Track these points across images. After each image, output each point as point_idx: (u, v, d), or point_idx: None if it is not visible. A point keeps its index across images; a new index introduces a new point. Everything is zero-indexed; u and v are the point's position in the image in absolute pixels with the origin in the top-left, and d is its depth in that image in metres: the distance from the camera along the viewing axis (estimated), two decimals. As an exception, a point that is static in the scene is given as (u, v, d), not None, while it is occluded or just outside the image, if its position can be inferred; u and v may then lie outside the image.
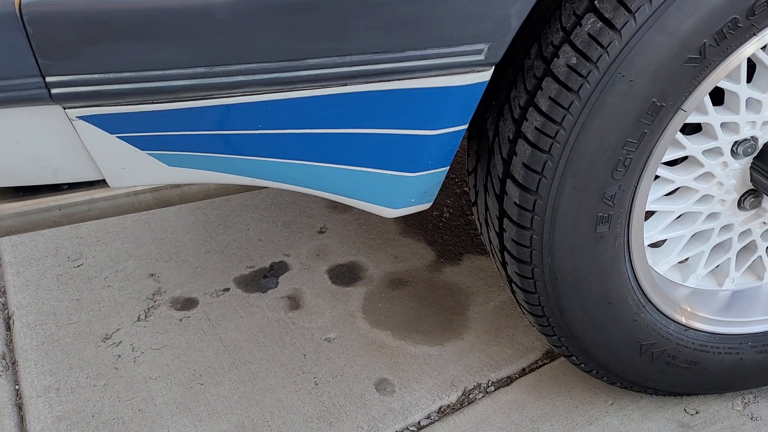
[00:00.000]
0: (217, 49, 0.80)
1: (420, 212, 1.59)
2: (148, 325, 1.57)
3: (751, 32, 0.90)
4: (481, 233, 1.21)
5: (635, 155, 0.96)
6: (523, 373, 1.42)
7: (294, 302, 1.62)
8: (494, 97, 1.05)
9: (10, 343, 1.55)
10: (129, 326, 1.57)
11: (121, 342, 1.53)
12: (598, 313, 1.11)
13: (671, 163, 1.11)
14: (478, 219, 1.20)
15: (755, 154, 1.09)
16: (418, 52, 0.85)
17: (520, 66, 0.99)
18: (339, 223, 1.86)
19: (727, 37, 0.88)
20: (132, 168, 0.94)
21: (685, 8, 0.86)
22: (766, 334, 1.23)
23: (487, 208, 1.12)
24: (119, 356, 1.49)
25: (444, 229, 1.83)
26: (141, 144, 0.91)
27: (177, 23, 0.78)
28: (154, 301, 1.63)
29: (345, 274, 1.70)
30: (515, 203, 1.01)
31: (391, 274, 1.69)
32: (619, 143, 0.94)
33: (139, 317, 1.59)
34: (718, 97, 1.05)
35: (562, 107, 0.92)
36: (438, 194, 1.95)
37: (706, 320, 1.21)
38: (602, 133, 0.93)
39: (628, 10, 0.87)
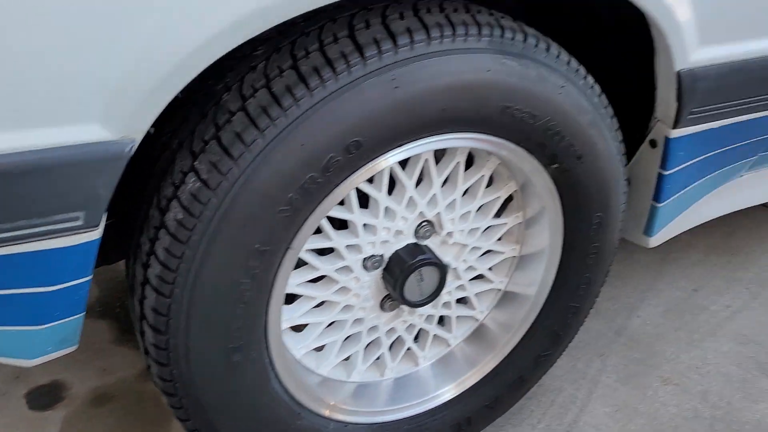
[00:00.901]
0: None
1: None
2: None
3: (333, 184, 1.04)
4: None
5: (253, 292, 1.06)
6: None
7: (-19, 438, 1.52)
8: (130, 242, 1.11)
9: None
10: None
11: None
12: (255, 429, 1.19)
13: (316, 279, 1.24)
14: (142, 348, 1.23)
15: (384, 266, 1.26)
16: (11, 224, 0.88)
17: (145, 215, 1.06)
18: (44, 338, 1.78)
19: (310, 190, 1.02)
20: None
21: (268, 169, 0.98)
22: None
23: (139, 342, 1.16)
24: None
25: (159, 333, 1.82)
26: None
27: None
28: None
29: (45, 396, 1.63)
30: (151, 343, 1.06)
31: (96, 390, 1.65)
32: (234, 285, 1.03)
33: None
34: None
35: (176, 257, 1.00)
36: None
37: (367, 414, 1.35)
38: (215, 279, 1.02)
39: (221, 173, 0.97)
